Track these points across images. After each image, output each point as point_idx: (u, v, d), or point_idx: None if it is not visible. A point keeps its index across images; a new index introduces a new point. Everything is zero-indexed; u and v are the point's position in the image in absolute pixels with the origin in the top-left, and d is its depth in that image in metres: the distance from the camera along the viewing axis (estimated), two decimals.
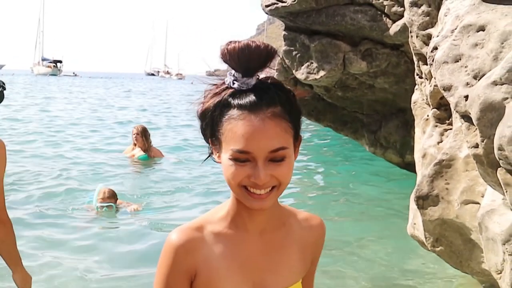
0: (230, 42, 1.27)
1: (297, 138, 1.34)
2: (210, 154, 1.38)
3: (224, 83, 1.31)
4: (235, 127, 1.25)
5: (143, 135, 9.64)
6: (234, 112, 1.26)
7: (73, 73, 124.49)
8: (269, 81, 1.31)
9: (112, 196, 6.56)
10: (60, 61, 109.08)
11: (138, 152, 9.72)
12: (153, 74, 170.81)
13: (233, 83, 1.28)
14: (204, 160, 1.44)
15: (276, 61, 1.38)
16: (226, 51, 1.27)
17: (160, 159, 9.96)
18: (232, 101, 1.27)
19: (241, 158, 1.25)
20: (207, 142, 1.36)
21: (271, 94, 1.27)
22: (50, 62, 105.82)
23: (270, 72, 1.33)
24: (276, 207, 1.43)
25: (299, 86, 8.00)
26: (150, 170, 9.34)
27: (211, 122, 1.31)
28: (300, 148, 1.37)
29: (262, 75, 1.31)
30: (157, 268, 1.39)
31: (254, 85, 1.28)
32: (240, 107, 1.26)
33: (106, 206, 6.44)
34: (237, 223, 1.40)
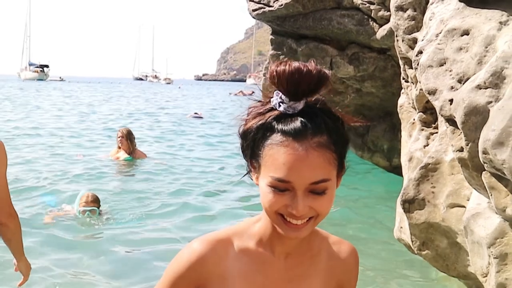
0: (281, 63, 1.21)
1: (341, 169, 1.27)
2: (248, 172, 1.31)
3: (269, 102, 1.23)
4: (277, 153, 1.18)
5: (128, 138, 9.61)
6: (277, 138, 1.19)
7: (60, 77, 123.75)
8: (317, 105, 1.23)
9: (96, 201, 6.43)
10: (47, 66, 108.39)
11: (123, 155, 9.69)
12: (141, 79, 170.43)
13: (279, 105, 1.21)
14: (242, 177, 1.36)
15: (329, 87, 1.32)
16: (275, 73, 1.20)
17: (143, 161, 9.93)
18: (276, 126, 1.20)
19: (280, 187, 1.19)
20: (247, 161, 1.30)
21: (318, 121, 1.20)
22: (37, 67, 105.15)
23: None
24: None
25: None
26: (134, 173, 9.30)
27: (252, 144, 1.24)
28: None
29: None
30: (167, 268, 1.36)
31: (301, 109, 1.20)
32: (284, 132, 1.18)
33: (89, 211, 6.29)
34: (265, 243, 1.34)
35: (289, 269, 1.35)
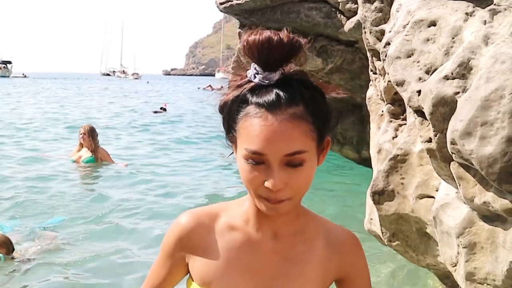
0: (252, 32, 1.18)
1: (321, 141, 1.23)
2: (232, 153, 1.29)
3: (247, 75, 1.22)
4: (250, 126, 1.16)
5: (90, 135, 9.32)
6: (251, 110, 1.17)
7: (23, 74, 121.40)
8: (294, 76, 1.21)
9: (4, 245, 4.92)
10: (10, 62, 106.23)
11: (85, 153, 9.38)
12: (108, 74, 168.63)
13: (254, 77, 1.19)
14: (228, 156, 1.34)
15: (304, 56, 1.29)
16: (246, 43, 1.18)
17: (108, 165, 9.56)
18: (250, 97, 1.18)
19: (255, 159, 1.17)
20: (226, 137, 1.28)
21: (293, 92, 1.17)
22: None
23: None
24: (298, 213, 1.35)
25: None
26: (96, 178, 8.91)
27: (228, 117, 1.23)
28: None
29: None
30: (161, 242, 1.39)
31: (276, 80, 1.18)
32: (257, 104, 1.16)
33: None
34: (252, 222, 1.33)
35: (278, 252, 1.32)
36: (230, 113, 1.22)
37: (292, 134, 1.14)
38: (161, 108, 24.27)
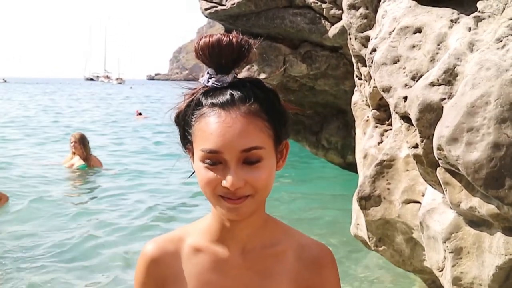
0: (203, 37, 1.18)
1: (279, 142, 1.21)
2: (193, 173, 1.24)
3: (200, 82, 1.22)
4: (205, 125, 1.14)
5: (81, 142, 9.35)
6: (205, 110, 1.16)
7: (3, 79, 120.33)
8: (247, 79, 1.22)
9: None
10: None
11: (78, 161, 9.42)
12: (92, 79, 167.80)
13: (208, 81, 1.19)
14: (190, 175, 1.27)
15: (254, 55, 1.29)
16: (198, 46, 1.18)
17: (99, 171, 9.62)
18: (204, 100, 1.17)
19: (211, 159, 1.14)
20: (183, 148, 1.25)
21: (246, 91, 1.17)
22: None
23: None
24: (265, 224, 1.30)
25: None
26: (87, 183, 8.99)
27: (183, 124, 1.21)
28: None
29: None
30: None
31: (230, 82, 1.18)
32: (212, 104, 1.16)
33: None
34: (217, 239, 1.28)
35: (248, 267, 1.28)
36: (185, 119, 1.20)
37: (247, 130, 1.13)
38: (139, 113, 24.18)
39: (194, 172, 1.22)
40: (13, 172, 9.65)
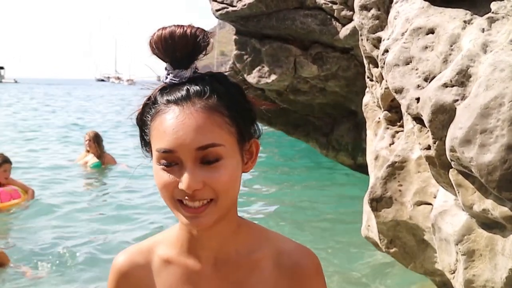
0: (157, 30, 1.10)
1: (243, 141, 1.12)
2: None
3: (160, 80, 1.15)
4: (159, 124, 1.06)
5: (96, 141, 9.47)
6: (160, 108, 1.08)
7: (14, 80, 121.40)
8: (207, 74, 1.13)
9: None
10: (2, 68, 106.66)
11: (91, 159, 9.52)
12: (103, 80, 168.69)
13: (166, 78, 1.10)
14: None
15: (211, 47, 1.07)
16: (152, 40, 1.09)
17: (113, 167, 9.73)
18: (160, 97, 1.09)
19: (167, 159, 1.05)
20: (143, 150, 1.16)
21: (204, 85, 1.08)
22: None
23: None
24: (238, 230, 1.19)
25: (251, 90, 7.99)
26: (102, 180, 9.07)
27: (141, 124, 1.14)
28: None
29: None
30: None
31: (188, 78, 1.09)
32: (167, 101, 1.07)
33: None
34: (187, 249, 1.19)
35: (222, 278, 1.18)
36: (142, 118, 1.13)
37: (203, 125, 1.04)
38: None
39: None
40: (29, 170, 9.74)
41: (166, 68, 1.11)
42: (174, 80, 1.09)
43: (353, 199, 7.50)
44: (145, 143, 1.14)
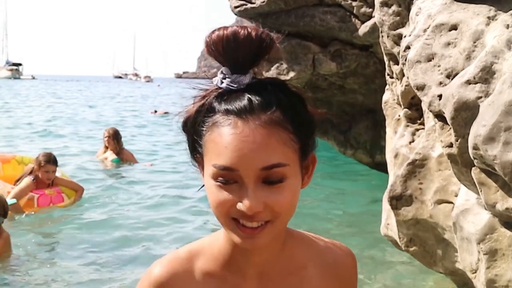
0: (215, 29, 1.00)
1: (305, 156, 1.03)
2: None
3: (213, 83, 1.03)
4: (218, 137, 0.96)
5: (115, 138, 9.53)
6: (218, 119, 0.98)
7: (32, 76, 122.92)
8: (268, 79, 1.03)
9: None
10: (20, 64, 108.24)
11: (110, 155, 9.61)
12: (120, 77, 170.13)
13: (222, 82, 1.00)
14: (199, 189, 1.10)
15: (277, 52, 0.96)
16: (210, 41, 0.99)
17: (132, 164, 9.80)
18: (217, 105, 0.99)
19: (225, 177, 0.96)
20: (192, 159, 1.07)
21: (267, 95, 0.98)
22: (10, 65, 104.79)
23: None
24: (284, 242, 1.12)
25: None
26: (122, 175, 9.16)
27: (192, 132, 1.03)
28: None
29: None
30: None
31: (247, 84, 0.99)
32: (226, 111, 0.97)
33: None
34: (231, 264, 1.11)
35: None
36: (194, 127, 1.02)
37: (269, 143, 0.95)
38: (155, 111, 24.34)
39: (203, 185, 1.05)
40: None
41: (222, 72, 1.01)
42: (232, 86, 0.99)
43: (371, 197, 7.46)
44: (195, 152, 1.05)
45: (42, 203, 6.39)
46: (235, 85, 0.99)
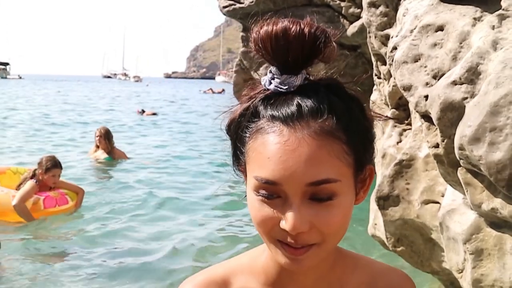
0: (264, 24, 0.89)
1: (361, 169, 0.92)
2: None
3: (261, 83, 0.92)
4: (261, 145, 0.86)
5: (106, 137, 9.54)
6: (263, 125, 0.87)
7: (18, 76, 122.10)
8: (321, 81, 0.92)
9: None
10: (8, 63, 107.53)
11: (101, 155, 9.60)
12: (109, 77, 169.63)
13: (270, 83, 0.89)
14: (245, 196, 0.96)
15: (333, 51, 0.92)
16: (257, 37, 0.88)
17: (123, 162, 9.80)
18: (262, 109, 0.88)
19: (268, 191, 0.86)
20: (233, 166, 0.97)
21: (320, 100, 0.87)
22: None
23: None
24: (334, 262, 1.03)
25: None
26: (113, 173, 9.13)
27: (235, 137, 0.93)
28: None
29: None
30: None
31: (298, 86, 0.89)
32: (272, 117, 0.87)
33: None
34: (274, 283, 1.00)
35: None
36: (237, 131, 0.92)
37: (318, 155, 0.84)
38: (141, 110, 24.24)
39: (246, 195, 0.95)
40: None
41: (270, 71, 0.90)
42: (281, 88, 0.88)
43: None
44: (238, 160, 0.95)
45: (48, 205, 6.40)
46: (285, 87, 0.88)
